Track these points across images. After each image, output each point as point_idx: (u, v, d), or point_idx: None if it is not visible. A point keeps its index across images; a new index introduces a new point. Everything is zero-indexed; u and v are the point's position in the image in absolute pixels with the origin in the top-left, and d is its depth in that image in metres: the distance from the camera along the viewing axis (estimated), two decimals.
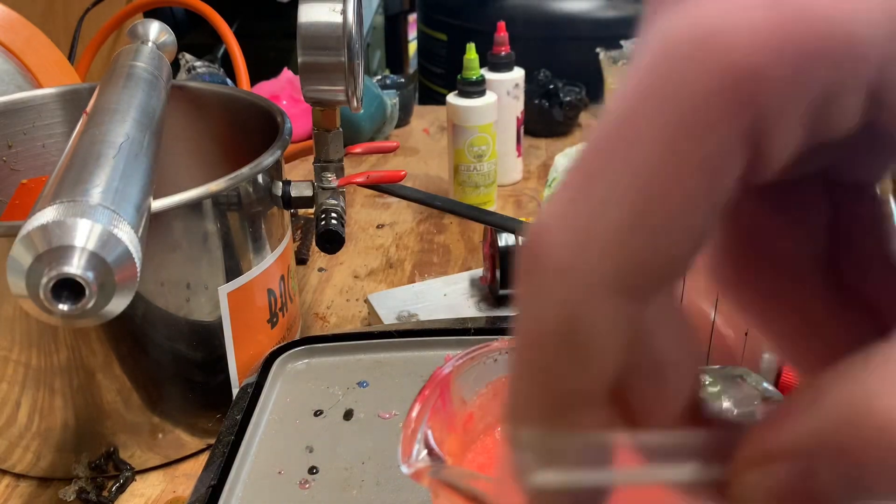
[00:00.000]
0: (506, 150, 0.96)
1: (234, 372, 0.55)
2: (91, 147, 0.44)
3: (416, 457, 0.31)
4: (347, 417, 0.50)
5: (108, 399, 0.51)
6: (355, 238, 0.87)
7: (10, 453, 0.53)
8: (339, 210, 0.58)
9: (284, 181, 0.58)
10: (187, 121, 0.68)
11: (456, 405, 0.36)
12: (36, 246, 0.35)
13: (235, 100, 0.67)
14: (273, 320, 0.57)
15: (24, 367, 0.49)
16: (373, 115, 1.06)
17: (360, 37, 0.55)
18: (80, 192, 0.38)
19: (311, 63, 0.54)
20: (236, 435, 0.47)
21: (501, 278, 0.68)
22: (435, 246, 0.85)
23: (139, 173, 0.43)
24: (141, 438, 0.53)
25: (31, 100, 0.65)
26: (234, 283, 0.53)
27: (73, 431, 0.51)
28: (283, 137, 0.57)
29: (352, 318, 0.72)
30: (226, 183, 0.50)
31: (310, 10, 0.53)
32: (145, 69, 0.58)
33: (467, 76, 0.88)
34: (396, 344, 0.56)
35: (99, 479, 0.53)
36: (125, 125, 0.47)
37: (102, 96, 0.52)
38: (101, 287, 0.35)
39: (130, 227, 0.37)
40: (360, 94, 0.57)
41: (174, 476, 0.54)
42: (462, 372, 0.36)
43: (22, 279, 0.35)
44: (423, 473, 0.30)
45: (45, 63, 0.79)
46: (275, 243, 0.57)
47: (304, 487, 0.45)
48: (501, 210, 0.92)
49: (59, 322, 0.36)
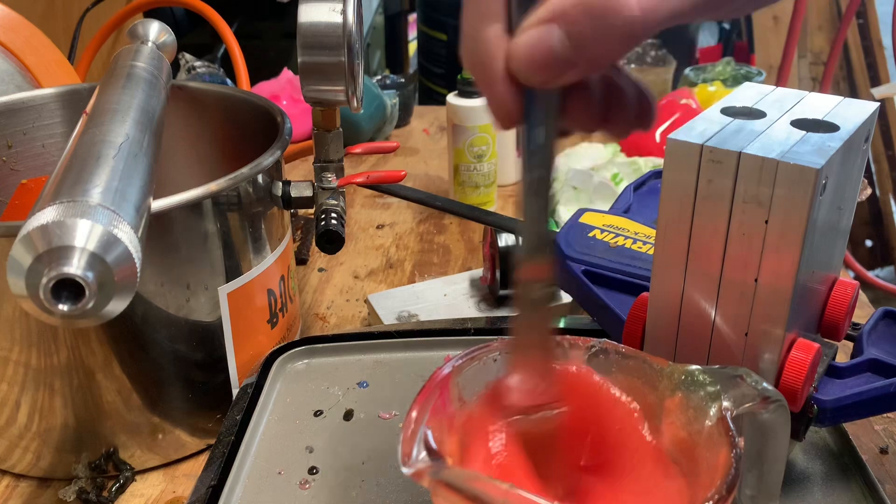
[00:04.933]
0: (506, 150, 0.96)
1: (234, 372, 0.55)
2: (91, 147, 0.43)
3: (416, 457, 0.31)
4: (347, 417, 0.50)
5: (108, 399, 0.51)
6: (355, 238, 0.87)
7: (10, 453, 0.53)
8: (339, 210, 0.58)
9: (284, 181, 0.58)
10: (187, 121, 0.68)
11: (455, 405, 0.36)
12: (36, 246, 0.35)
13: (235, 100, 0.67)
14: (273, 320, 0.57)
15: (24, 368, 0.49)
16: (373, 115, 1.06)
17: (360, 37, 0.55)
18: (80, 192, 0.38)
19: (311, 63, 0.53)
20: (236, 435, 0.47)
21: (501, 278, 0.68)
22: (435, 246, 0.85)
23: (139, 173, 0.43)
24: (141, 438, 0.53)
25: (31, 100, 0.65)
26: (234, 283, 0.53)
27: (72, 432, 0.51)
28: (282, 137, 0.57)
29: (352, 318, 0.72)
30: (226, 183, 0.50)
31: (310, 10, 0.53)
32: (145, 69, 0.58)
33: (467, 76, 0.88)
34: (396, 344, 0.56)
35: (99, 479, 0.53)
36: (125, 125, 0.47)
37: (102, 96, 0.52)
38: (100, 287, 0.35)
39: (130, 228, 0.37)
40: (360, 95, 0.57)
41: (174, 476, 0.54)
42: (462, 372, 0.36)
43: (22, 279, 0.35)
44: (423, 474, 0.30)
45: (45, 63, 0.78)
46: (275, 243, 0.57)
47: (304, 487, 0.45)
48: (501, 210, 0.92)
49: (58, 322, 0.36)
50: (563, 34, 0.27)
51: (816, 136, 0.37)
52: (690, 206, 0.38)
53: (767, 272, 0.37)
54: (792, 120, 0.39)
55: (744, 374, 0.35)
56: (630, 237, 0.54)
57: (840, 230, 0.42)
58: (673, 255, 0.39)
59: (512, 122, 0.31)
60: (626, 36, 0.27)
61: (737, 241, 0.37)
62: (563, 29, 0.27)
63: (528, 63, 0.28)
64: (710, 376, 0.35)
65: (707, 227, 0.38)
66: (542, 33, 0.28)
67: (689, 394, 0.35)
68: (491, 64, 0.29)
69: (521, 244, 0.33)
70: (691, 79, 1.18)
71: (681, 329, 0.41)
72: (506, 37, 0.29)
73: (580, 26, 0.27)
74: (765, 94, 0.42)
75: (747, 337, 0.39)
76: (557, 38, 0.28)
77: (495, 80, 0.29)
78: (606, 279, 0.51)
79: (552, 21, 0.28)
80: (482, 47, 0.30)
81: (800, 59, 2.01)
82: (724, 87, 1.10)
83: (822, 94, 0.42)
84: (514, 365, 0.36)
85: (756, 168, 0.36)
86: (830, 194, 0.37)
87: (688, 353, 0.41)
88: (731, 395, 0.34)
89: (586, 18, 0.27)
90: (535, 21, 0.28)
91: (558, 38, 0.27)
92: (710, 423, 0.34)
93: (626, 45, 0.27)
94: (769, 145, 0.36)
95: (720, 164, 0.36)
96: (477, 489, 0.29)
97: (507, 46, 0.29)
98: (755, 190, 0.36)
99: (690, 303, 0.40)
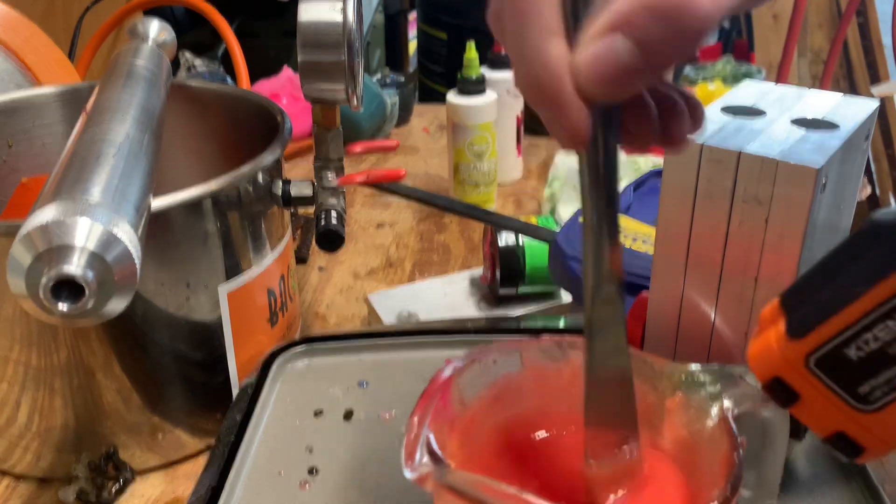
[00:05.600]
0: (506, 148, 0.96)
1: (234, 372, 0.55)
2: (91, 146, 0.43)
3: (419, 461, 0.31)
4: (347, 417, 0.50)
5: (108, 399, 0.51)
6: (355, 237, 0.87)
7: (10, 454, 0.53)
8: (339, 209, 0.58)
9: (284, 180, 0.58)
10: (187, 120, 0.68)
11: (457, 408, 0.36)
12: (36, 245, 0.35)
13: (235, 98, 0.67)
14: (273, 320, 0.57)
15: (24, 367, 0.49)
16: (373, 113, 1.06)
17: (360, 35, 0.55)
18: (80, 191, 0.38)
19: (311, 62, 0.53)
20: (236, 435, 0.47)
21: (501, 278, 0.68)
22: (435, 245, 0.85)
23: (139, 172, 0.43)
24: (141, 439, 0.53)
25: (31, 99, 0.65)
26: (233, 282, 0.53)
27: (72, 432, 0.51)
28: (282, 136, 0.57)
29: (352, 317, 0.72)
30: (226, 182, 0.50)
31: (310, 9, 0.53)
32: (145, 68, 0.58)
33: (467, 74, 0.88)
34: (396, 344, 0.56)
35: (99, 479, 0.52)
36: (125, 124, 0.47)
37: (102, 95, 0.52)
38: (100, 287, 0.35)
39: (130, 227, 0.37)
40: (360, 93, 0.57)
41: (174, 477, 0.54)
42: (462, 374, 0.36)
43: (22, 279, 0.35)
44: (427, 478, 0.30)
45: (45, 62, 0.78)
46: (275, 242, 0.57)
47: (304, 488, 0.45)
48: (501, 209, 0.92)
49: (58, 322, 0.36)
50: (631, 42, 0.26)
51: (816, 135, 0.37)
52: (690, 205, 0.38)
53: (767, 271, 0.37)
54: (792, 119, 0.39)
55: (743, 373, 0.35)
56: (630, 237, 0.54)
57: (840, 229, 0.42)
58: (673, 255, 0.39)
59: (584, 142, 0.28)
60: (697, 34, 0.26)
61: (737, 240, 0.37)
62: (629, 36, 0.26)
63: (595, 77, 0.27)
64: (711, 376, 0.35)
65: (707, 227, 0.38)
66: (608, 44, 0.26)
67: (689, 393, 0.35)
68: (560, 85, 0.27)
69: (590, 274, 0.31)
70: (691, 77, 1.18)
71: (681, 329, 0.41)
72: (569, 53, 0.27)
73: (648, 31, 0.26)
74: (765, 92, 0.42)
75: (747, 337, 0.39)
76: (625, 48, 0.26)
77: (566, 102, 0.27)
78: None
79: (616, 29, 0.26)
80: (548, 68, 0.27)
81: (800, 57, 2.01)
82: (723, 85, 1.10)
83: (823, 92, 0.42)
84: None
85: (756, 167, 0.36)
86: (830, 193, 0.37)
87: (687, 353, 0.41)
88: (731, 394, 0.34)
89: (655, 22, 0.25)
90: (598, 32, 0.26)
91: (625, 47, 0.26)
92: (712, 422, 0.34)
93: (696, 43, 0.26)
94: (769, 144, 0.36)
95: (720, 163, 0.36)
96: (482, 493, 0.29)
97: (570, 63, 0.27)
98: (755, 189, 0.36)
99: (690, 303, 0.40)
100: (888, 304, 0.27)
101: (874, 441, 0.29)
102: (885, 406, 0.28)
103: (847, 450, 0.30)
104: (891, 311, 0.27)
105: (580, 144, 0.29)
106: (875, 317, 0.27)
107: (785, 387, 0.30)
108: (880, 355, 0.27)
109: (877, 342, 0.27)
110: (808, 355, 0.29)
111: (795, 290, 0.30)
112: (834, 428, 0.30)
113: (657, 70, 0.27)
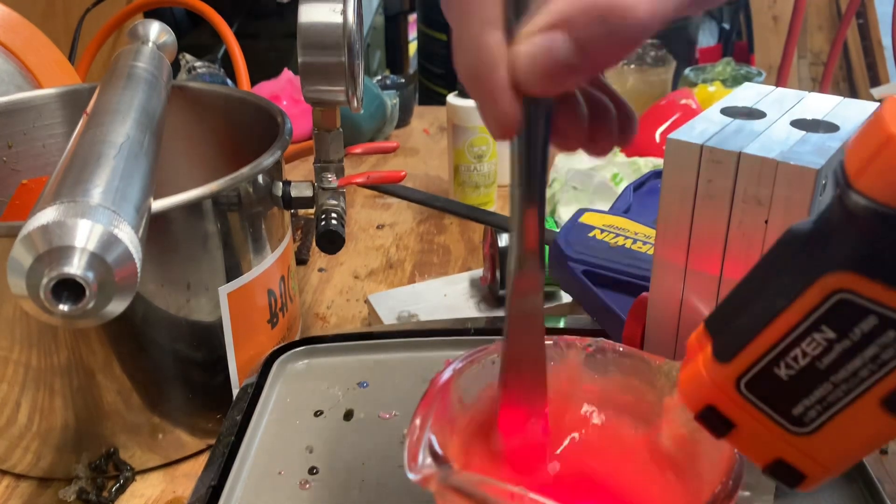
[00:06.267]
0: (506, 150, 0.96)
1: (234, 372, 0.55)
2: (91, 147, 0.44)
3: (421, 463, 0.31)
4: (347, 417, 0.50)
5: (108, 399, 0.51)
6: (355, 238, 0.87)
7: (11, 453, 0.53)
8: (339, 210, 0.58)
9: (284, 181, 0.58)
10: (187, 121, 0.68)
11: (457, 408, 0.36)
12: (36, 246, 0.35)
13: (236, 100, 0.67)
14: (273, 320, 0.57)
15: (24, 368, 0.49)
16: (373, 115, 1.06)
17: (361, 37, 0.55)
18: (81, 192, 0.38)
19: (311, 63, 0.54)
20: (236, 435, 0.47)
21: (501, 278, 0.68)
22: (435, 246, 0.85)
23: (139, 173, 0.43)
24: (141, 439, 0.53)
25: (32, 100, 0.65)
26: (234, 283, 0.53)
27: (73, 432, 0.51)
28: (283, 138, 0.57)
29: (352, 318, 0.72)
30: (226, 183, 0.50)
31: (310, 11, 0.53)
32: (145, 69, 0.58)
33: None
34: (396, 344, 0.56)
35: (99, 479, 0.53)
36: (125, 126, 0.47)
37: (103, 96, 0.52)
38: (101, 287, 0.35)
39: (130, 228, 0.37)
40: (361, 95, 0.57)
41: (174, 476, 0.54)
42: (462, 375, 0.36)
43: (22, 279, 0.35)
44: (430, 479, 0.30)
45: (46, 63, 0.79)
46: (275, 243, 0.57)
47: (304, 488, 0.45)
48: (501, 210, 0.92)
49: (59, 322, 0.36)
50: (569, 40, 0.27)
51: (816, 137, 0.37)
52: (690, 206, 0.38)
53: None
54: (792, 120, 0.39)
55: None
56: (630, 237, 0.55)
57: None
58: (673, 255, 0.40)
59: (512, 132, 0.30)
60: (634, 38, 0.27)
61: (737, 241, 0.37)
62: (568, 35, 0.27)
63: (532, 71, 0.28)
64: None
65: (707, 227, 0.38)
66: (546, 40, 0.27)
67: None
68: (493, 73, 0.29)
69: (512, 255, 0.32)
70: (691, 79, 1.18)
71: (681, 329, 0.41)
72: (506, 45, 0.29)
73: (587, 32, 0.27)
74: (764, 94, 0.42)
75: None
76: (563, 45, 0.27)
77: (498, 90, 0.29)
78: (606, 279, 0.51)
79: (556, 27, 0.27)
80: (483, 56, 0.29)
81: (799, 59, 2.01)
82: (723, 87, 1.10)
83: (822, 95, 0.42)
84: (506, 377, 0.35)
85: (756, 168, 0.36)
86: (830, 194, 0.37)
87: None
88: None
89: (593, 24, 0.26)
90: (537, 28, 0.27)
91: (564, 44, 0.27)
92: None
93: (632, 46, 0.27)
94: (769, 145, 0.36)
95: (720, 164, 0.36)
96: (486, 493, 0.29)
97: (507, 55, 0.28)
98: (755, 190, 0.36)
99: (690, 303, 0.40)
100: (812, 315, 0.25)
101: (813, 466, 0.27)
102: (820, 427, 0.26)
103: (787, 478, 0.28)
104: (816, 324, 0.25)
105: (508, 134, 0.30)
106: (801, 331, 0.26)
107: (718, 415, 0.28)
108: (811, 371, 0.26)
109: (805, 358, 0.26)
110: (738, 378, 0.27)
111: (719, 312, 0.29)
112: (772, 455, 0.28)
113: (591, 70, 0.28)
